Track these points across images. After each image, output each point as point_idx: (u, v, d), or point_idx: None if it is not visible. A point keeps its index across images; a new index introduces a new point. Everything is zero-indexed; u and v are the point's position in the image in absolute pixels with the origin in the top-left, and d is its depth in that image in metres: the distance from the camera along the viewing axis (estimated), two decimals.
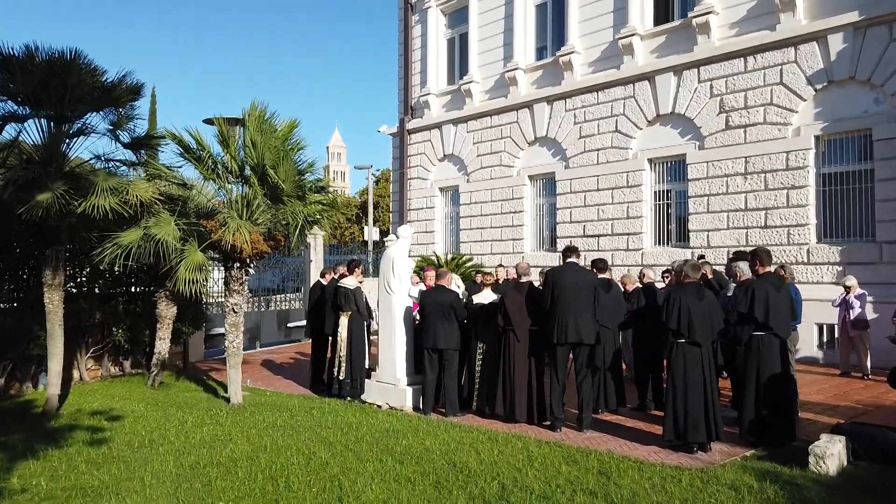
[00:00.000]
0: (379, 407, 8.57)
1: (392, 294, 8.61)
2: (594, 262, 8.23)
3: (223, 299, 8.44)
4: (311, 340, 10.62)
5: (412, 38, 18.86)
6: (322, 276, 10.50)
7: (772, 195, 12.28)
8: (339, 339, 9.11)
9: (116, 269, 11.35)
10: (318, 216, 8.34)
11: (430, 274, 9.96)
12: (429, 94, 18.23)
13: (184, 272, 7.45)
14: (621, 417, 7.86)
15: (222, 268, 14.61)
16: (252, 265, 8.41)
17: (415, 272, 9.58)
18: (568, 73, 15.27)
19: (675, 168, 13.84)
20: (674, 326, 6.31)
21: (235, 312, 8.29)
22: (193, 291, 7.57)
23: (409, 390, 8.45)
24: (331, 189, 8.58)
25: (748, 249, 10.21)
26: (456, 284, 8.96)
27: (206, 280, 7.96)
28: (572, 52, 15.05)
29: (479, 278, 13.53)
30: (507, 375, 7.65)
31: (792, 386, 6.89)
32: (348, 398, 8.93)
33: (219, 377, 11.05)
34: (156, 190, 8.01)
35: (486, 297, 8.21)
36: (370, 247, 24.30)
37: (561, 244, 15.30)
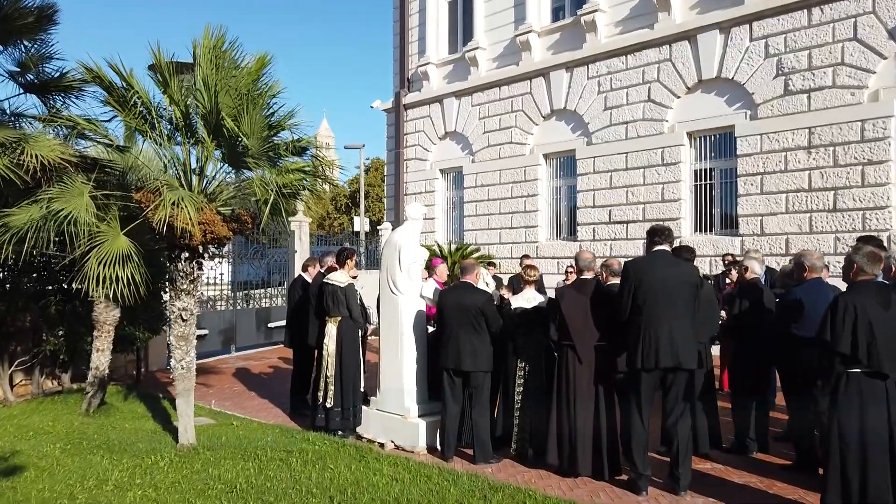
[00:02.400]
0: (381, 446, 6.16)
1: (399, 294, 6.18)
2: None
3: (171, 300, 5.95)
4: (292, 351, 8.18)
5: (409, 1, 16.31)
6: (304, 269, 8.03)
7: (843, 173, 9.99)
8: (325, 353, 6.67)
9: (54, 261, 8.86)
10: (300, 187, 5.86)
11: (442, 268, 7.59)
12: (428, 63, 15.70)
13: (95, 265, 4.95)
14: (720, 466, 5.50)
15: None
16: (207, 255, 5.93)
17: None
18: (590, 35, 12.84)
19: (720, 142, 11.49)
20: (846, 349, 3.94)
21: (184, 320, 5.80)
22: (117, 294, 5.07)
23: (423, 424, 6.04)
24: (317, 151, 6.02)
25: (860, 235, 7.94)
26: (484, 281, 6.53)
27: (146, 277, 5.44)
28: (596, 11, 12.62)
29: (491, 271, 11.29)
30: (563, 410, 5.26)
31: None
32: (339, 433, 6.50)
33: None
34: (68, 150, 5.51)
35: (528, 298, 5.80)
36: (362, 237, 21.78)
37: (581, 232, 12.99)
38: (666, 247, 5.01)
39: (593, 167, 12.83)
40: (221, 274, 12.54)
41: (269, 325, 13.38)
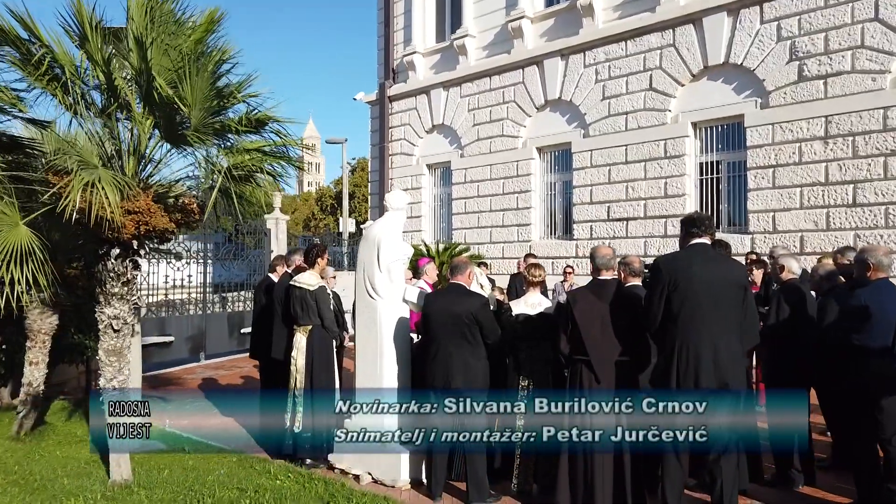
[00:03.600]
0: (356, 479, 5.13)
1: (378, 299, 5.15)
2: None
3: (100, 306, 4.82)
4: (259, 364, 7.11)
5: None
6: (272, 269, 6.98)
7: (863, 164, 9.10)
8: (293, 368, 5.62)
9: None
10: (253, 169, 4.80)
11: (431, 267, 6.57)
12: (414, 52, 14.68)
13: None
14: None
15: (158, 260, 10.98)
16: (144, 252, 4.88)
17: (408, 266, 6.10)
18: (587, 20, 11.89)
19: (728, 133, 10.57)
20: None
21: (116, 330, 4.73)
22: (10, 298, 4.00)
23: (405, 454, 5.02)
24: (278, 126, 4.91)
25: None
26: (478, 283, 5.51)
27: (54, 278, 4.36)
28: None
29: (483, 271, 10.26)
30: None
31: None
32: (307, 462, 5.45)
33: None
34: None
35: (532, 303, 4.79)
36: (345, 235, 20.68)
37: (578, 230, 12.03)
38: (706, 240, 4.02)
39: (591, 161, 11.87)
40: (190, 276, 11.42)
41: (243, 330, 12.27)
